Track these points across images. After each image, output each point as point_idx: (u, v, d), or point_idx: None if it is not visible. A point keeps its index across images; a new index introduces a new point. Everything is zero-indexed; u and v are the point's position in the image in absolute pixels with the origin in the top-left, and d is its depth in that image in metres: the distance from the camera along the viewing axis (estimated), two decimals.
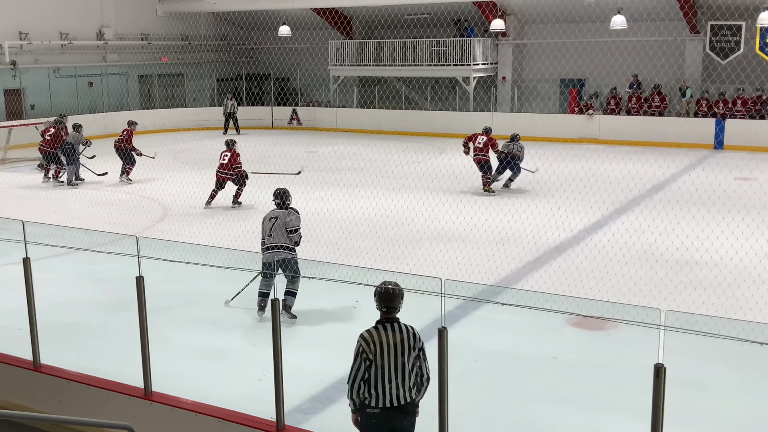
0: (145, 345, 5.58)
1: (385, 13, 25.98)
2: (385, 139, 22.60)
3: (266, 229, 8.31)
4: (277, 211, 8.42)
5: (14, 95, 24.24)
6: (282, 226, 8.24)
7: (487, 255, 10.50)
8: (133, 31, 27.63)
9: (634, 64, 23.24)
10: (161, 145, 23.08)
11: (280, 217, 8.31)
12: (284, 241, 8.19)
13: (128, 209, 14.32)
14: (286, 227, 8.23)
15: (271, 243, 8.19)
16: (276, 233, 8.22)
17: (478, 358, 7.24)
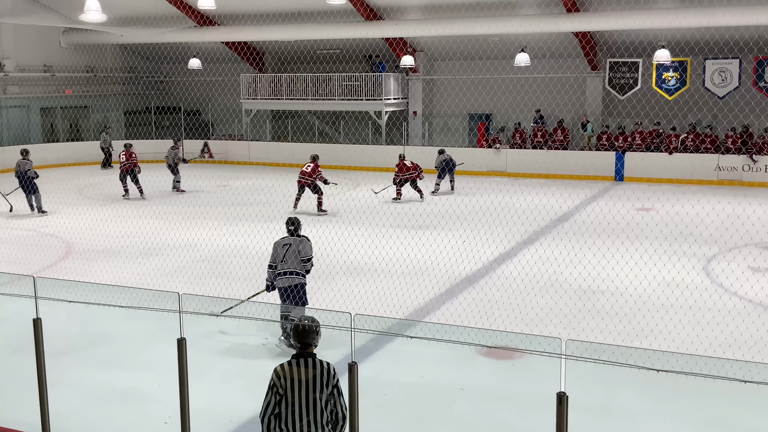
0: (42, 389, 5.35)
1: (298, 48, 26.13)
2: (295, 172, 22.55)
3: (280, 255, 8.55)
4: (290, 238, 8.69)
5: None
6: (295, 252, 8.53)
7: (399, 287, 10.57)
8: (35, 63, 26.80)
9: (538, 99, 24.10)
10: (67, 179, 22.37)
11: (294, 245, 8.59)
12: (297, 266, 8.50)
13: (29, 247, 13.78)
14: (299, 255, 8.50)
15: (285, 269, 8.48)
16: (289, 259, 8.50)
17: (390, 391, 7.25)
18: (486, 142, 24.71)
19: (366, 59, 27.08)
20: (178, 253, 13.09)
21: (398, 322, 7.87)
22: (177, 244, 13.59)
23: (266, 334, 7.77)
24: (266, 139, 28.26)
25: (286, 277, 8.49)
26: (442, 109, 26.69)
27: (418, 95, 26.74)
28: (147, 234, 14.07)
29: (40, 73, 26.96)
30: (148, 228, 14.73)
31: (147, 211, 16.51)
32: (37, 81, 26.92)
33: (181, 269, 12.09)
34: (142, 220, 15.88)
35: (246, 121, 27.83)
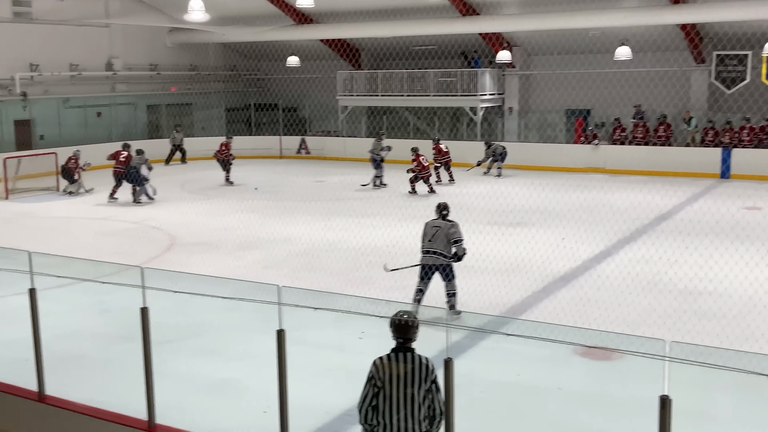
0: (149, 377, 5.56)
1: (393, 45, 26.23)
2: (393, 168, 22.62)
3: (428, 234, 9.23)
4: (441, 221, 9.33)
5: (24, 126, 24.46)
6: (444, 235, 9.16)
7: (493, 285, 10.46)
8: (142, 62, 27.94)
9: (639, 94, 23.35)
10: (174, 174, 23.24)
11: (444, 228, 9.24)
12: (443, 249, 9.12)
13: (135, 239, 14.37)
14: (448, 237, 9.13)
15: (431, 248, 9.15)
16: (436, 240, 9.15)
17: (486, 389, 7.18)
18: (584, 138, 24.14)
19: (461, 55, 26.91)
20: (274, 247, 13.37)
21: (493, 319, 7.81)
22: (274, 237, 13.88)
23: (363, 327, 7.82)
24: (362, 135, 28.50)
25: (432, 256, 9.16)
26: (538, 105, 26.25)
27: (514, 91, 26.38)
28: (245, 228, 14.44)
29: (146, 71, 28.08)
30: (246, 222, 15.09)
31: (245, 205, 16.92)
32: (143, 79, 28.04)
33: (278, 262, 12.35)
34: (240, 215, 16.30)
35: (342, 117, 28.15)
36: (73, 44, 25.45)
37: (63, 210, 17.70)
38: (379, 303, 5.01)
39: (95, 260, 7.33)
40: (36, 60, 24.32)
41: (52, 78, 24.82)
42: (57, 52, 24.82)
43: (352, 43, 28.17)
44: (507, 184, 18.38)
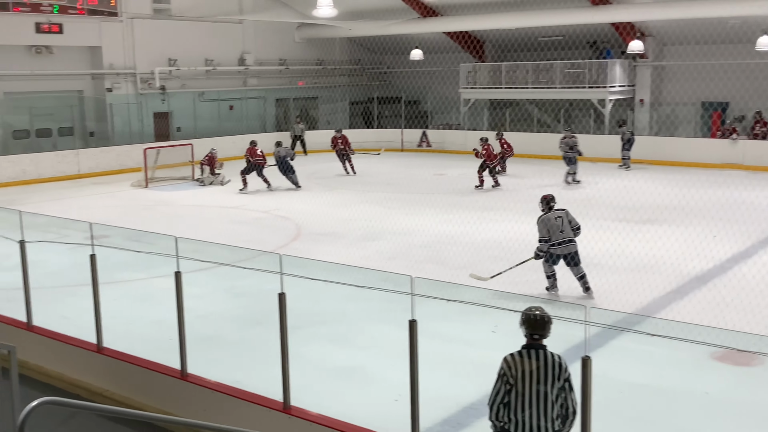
0: (285, 360, 5.74)
1: (518, 36, 25.85)
2: (516, 162, 22.34)
3: (556, 226, 9.69)
4: (559, 210, 9.86)
5: (163, 118, 25.81)
6: (567, 222, 9.74)
7: (625, 283, 10.15)
8: (272, 57, 28.84)
9: None
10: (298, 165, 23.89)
11: (564, 216, 9.80)
12: (572, 235, 9.73)
13: (264, 227, 14.87)
14: (572, 225, 9.75)
15: (563, 238, 9.66)
16: (566, 228, 9.69)
17: (620, 389, 6.98)
18: (721, 133, 22.95)
19: (590, 45, 26.17)
20: (397, 239, 13.48)
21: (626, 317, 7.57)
22: (396, 229, 14.00)
23: (495, 320, 7.77)
24: (483, 128, 28.27)
25: (565, 245, 9.64)
26: (671, 97, 25.14)
27: (645, 82, 25.41)
28: (368, 219, 14.64)
29: (275, 66, 28.96)
30: (368, 213, 15.30)
31: (368, 197, 17.20)
32: (273, 74, 28.95)
33: (400, 254, 12.45)
34: (363, 206, 16.56)
35: (464, 110, 28.02)
36: (208, 40, 26.60)
37: (198, 199, 18.55)
38: (509, 297, 4.96)
39: (232, 246, 7.64)
40: (174, 55, 25.57)
41: (189, 72, 26.04)
42: (194, 47, 26.02)
43: (476, 35, 27.96)
44: (637, 179, 17.73)
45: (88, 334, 7.37)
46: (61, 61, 23.26)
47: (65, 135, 23.81)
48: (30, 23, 22.13)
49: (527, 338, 4.59)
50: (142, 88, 25.00)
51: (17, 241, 7.75)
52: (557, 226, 9.65)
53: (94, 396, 6.99)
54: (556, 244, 9.64)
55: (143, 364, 6.79)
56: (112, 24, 24.01)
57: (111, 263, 10.11)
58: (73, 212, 15.23)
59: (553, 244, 9.65)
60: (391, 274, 8.38)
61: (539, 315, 4.53)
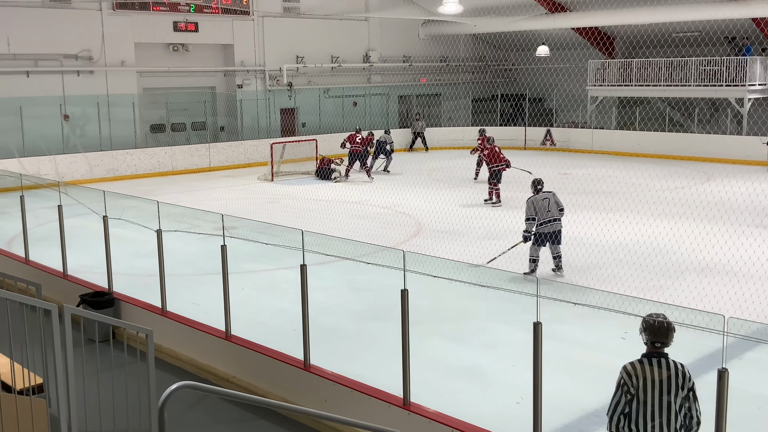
0: (405, 356, 5.75)
1: (651, 32, 24.88)
2: (644, 162, 21.54)
3: (543, 207, 10.60)
4: (545, 192, 10.82)
5: (289, 114, 26.54)
6: (554, 203, 10.69)
7: (759, 293, 9.56)
8: (395, 54, 29.06)
9: None
10: (419, 162, 23.98)
11: (551, 197, 10.75)
12: (557, 214, 10.67)
13: (385, 223, 15.00)
14: (558, 205, 10.70)
15: (549, 217, 10.61)
16: (552, 209, 10.63)
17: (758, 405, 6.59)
18: None
19: (728, 41, 24.83)
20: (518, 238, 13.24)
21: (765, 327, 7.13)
22: (517, 229, 13.74)
23: (617, 326, 7.51)
24: (611, 127, 27.43)
25: (551, 224, 10.62)
26: None
27: None
28: (490, 218, 14.48)
29: (399, 63, 29.17)
30: (490, 212, 15.15)
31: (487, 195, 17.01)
32: (396, 71, 29.18)
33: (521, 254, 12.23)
34: (484, 205, 16.41)
35: (591, 108, 27.26)
36: (334, 37, 27.13)
37: (321, 193, 18.95)
38: (636, 302, 4.76)
39: (355, 240, 7.74)
40: (301, 52, 26.24)
41: (315, 69, 26.65)
42: (320, 44, 26.61)
43: (606, 30, 27.12)
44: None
45: (217, 321, 7.66)
46: (195, 58, 24.36)
47: (198, 129, 24.93)
48: (168, 22, 23.30)
49: (648, 346, 4.41)
50: (271, 85, 25.80)
51: (154, 230, 8.15)
52: (544, 206, 10.60)
53: (221, 381, 7.27)
54: (544, 223, 10.59)
55: (268, 353, 6.99)
56: (243, 22, 24.91)
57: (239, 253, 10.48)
58: (204, 204, 15.90)
59: (541, 223, 10.59)
60: (515, 275, 8.28)
61: (661, 321, 4.34)
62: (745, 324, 4.41)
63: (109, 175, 21.49)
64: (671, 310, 4.40)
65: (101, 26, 22.22)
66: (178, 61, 23.98)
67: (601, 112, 27.66)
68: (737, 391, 6.49)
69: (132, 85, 23.02)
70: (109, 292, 9.02)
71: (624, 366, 4.42)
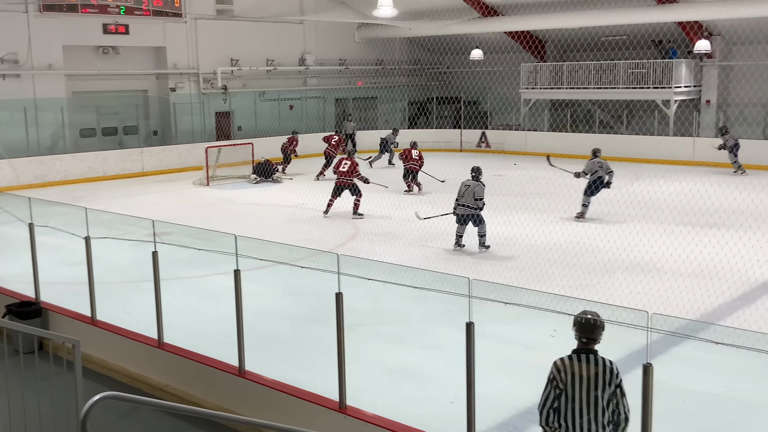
0: (341, 359, 5.75)
1: (581, 35, 25.44)
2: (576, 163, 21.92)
3: (461, 191, 12.27)
4: (471, 181, 12.35)
5: (224, 117, 26.23)
6: (471, 193, 12.10)
7: (686, 289, 9.88)
8: (332, 57, 29.02)
9: None
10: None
11: (472, 186, 12.18)
12: (470, 202, 12.17)
13: (322, 226, 14.95)
14: (474, 195, 12.07)
15: (462, 202, 12.27)
16: (467, 196, 12.15)
17: (682, 398, 6.79)
18: None
19: (654, 45, 25.60)
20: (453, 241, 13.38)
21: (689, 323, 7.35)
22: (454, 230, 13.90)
23: (551, 325, 7.65)
24: (544, 129, 27.94)
25: (463, 208, 12.25)
26: (739, 98, 24.41)
27: (712, 83, 24.73)
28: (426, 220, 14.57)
29: (335, 66, 29.14)
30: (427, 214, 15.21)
31: (426, 198, 17.14)
32: (332, 74, 29.15)
33: (458, 255, 12.37)
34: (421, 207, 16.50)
35: (524, 110, 27.73)
36: (269, 40, 26.93)
37: (257, 197, 18.78)
38: (567, 300, 4.86)
39: (290, 245, 7.70)
40: (236, 55, 25.98)
41: (250, 72, 26.41)
42: (255, 47, 26.39)
43: (538, 34, 27.64)
44: (701, 182, 17.26)
45: (149, 330, 7.52)
46: (126, 61, 23.87)
47: (130, 134, 24.41)
48: (97, 24, 22.77)
49: (578, 342, 4.52)
50: (205, 88, 25.46)
51: (83, 237, 7.95)
52: (461, 191, 12.29)
53: (154, 390, 7.13)
54: (460, 204, 12.25)
55: (202, 361, 6.90)
56: (176, 24, 24.52)
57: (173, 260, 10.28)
58: (136, 210, 15.57)
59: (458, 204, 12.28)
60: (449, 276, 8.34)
61: (589, 318, 4.45)
62: (669, 320, 4.55)
63: (37, 181, 20.85)
64: (598, 307, 4.51)
65: (27, 28, 21.56)
66: (108, 64, 23.45)
67: (534, 115, 28.17)
68: (664, 386, 6.70)
69: (60, 88, 22.40)
70: (37, 301, 8.76)
71: (554, 362, 4.53)
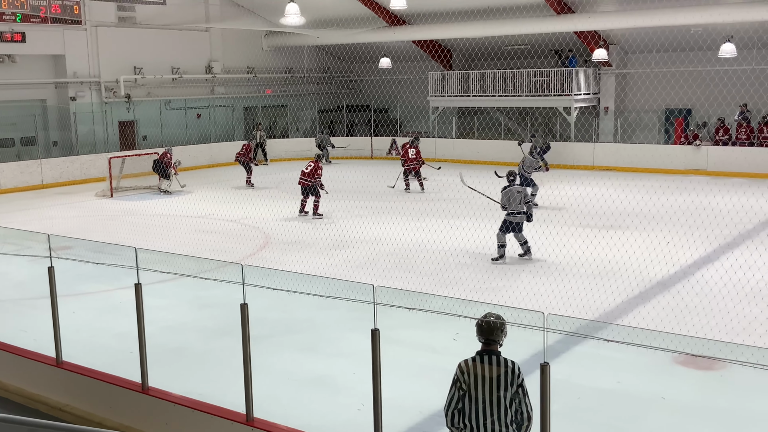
0: (247, 371, 5.69)
1: (485, 45, 26.02)
2: (484, 169, 22.37)
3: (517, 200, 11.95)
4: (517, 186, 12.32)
5: (128, 127, 25.54)
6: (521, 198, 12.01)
7: (587, 289, 10.23)
8: (239, 65, 28.70)
9: (743, 93, 22.36)
10: (265, 174, 23.79)
11: (521, 191, 12.12)
12: (520, 208, 11.98)
13: (232, 237, 14.76)
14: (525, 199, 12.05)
15: (513, 209, 11.98)
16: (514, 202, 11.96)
17: (582, 395, 7.03)
18: (684, 139, 23.31)
19: (555, 54, 26.45)
20: (365, 247, 13.47)
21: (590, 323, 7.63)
22: (364, 237, 13.99)
23: (456, 328, 7.78)
24: (452, 136, 28.42)
25: (518, 215, 11.96)
26: (635, 104, 25.50)
27: (610, 90, 25.74)
28: (337, 228, 14.62)
29: (243, 74, 28.83)
30: (337, 222, 15.28)
31: (336, 206, 17.16)
32: (240, 82, 28.81)
33: (369, 262, 12.44)
34: (331, 215, 16.53)
35: (432, 118, 28.13)
36: (174, 48, 26.39)
37: (163, 208, 18.37)
38: (471, 304, 4.96)
39: (196, 257, 7.56)
40: (139, 63, 25.34)
41: (155, 80, 25.82)
42: (159, 55, 25.80)
43: (444, 43, 28.12)
44: (601, 185, 17.91)
45: (47, 348, 7.24)
46: (23, 70, 22.93)
47: (28, 145, 23.44)
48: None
49: (481, 344, 4.61)
50: (107, 97, 24.72)
51: None
52: (516, 199, 11.90)
53: (53, 411, 6.87)
54: (511, 213, 11.93)
55: (103, 378, 6.69)
56: (75, 32, 23.73)
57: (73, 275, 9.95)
58: (35, 223, 14.99)
59: (509, 212, 11.93)
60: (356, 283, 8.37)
61: (490, 321, 4.55)
62: (564, 320, 4.70)
63: None
64: (498, 309, 4.62)
65: None
66: (4, 73, 22.47)
67: (443, 122, 28.62)
68: (566, 384, 6.92)
69: None
70: None
71: (459, 363, 4.60)
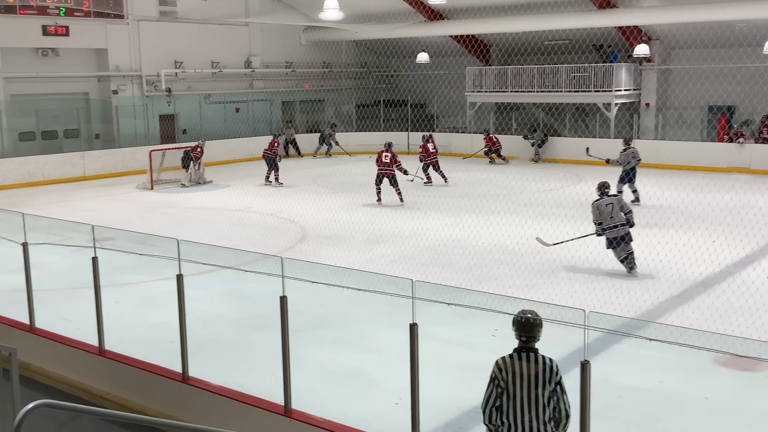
0: (286, 363, 5.72)
1: (524, 40, 25.82)
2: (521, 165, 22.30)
3: (607, 212, 10.89)
4: (611, 197, 11.07)
5: (168, 120, 25.85)
6: (618, 208, 10.93)
7: (627, 288, 10.11)
8: (278, 60, 28.86)
9: None
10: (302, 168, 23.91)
11: (616, 202, 11.00)
12: (622, 219, 10.90)
13: (270, 230, 14.86)
14: (623, 209, 10.94)
15: (613, 223, 10.88)
16: (616, 215, 10.88)
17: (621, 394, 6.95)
18: (727, 136, 22.87)
19: (596, 49, 26.13)
20: (402, 242, 13.46)
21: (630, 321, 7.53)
22: (401, 233, 13.99)
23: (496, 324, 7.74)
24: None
25: (616, 229, 10.84)
26: (677, 101, 25.08)
27: (651, 86, 25.34)
28: (374, 222, 14.62)
29: (282, 69, 29.00)
30: (374, 217, 15.28)
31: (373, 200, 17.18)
32: (279, 77, 28.98)
33: (405, 257, 12.43)
34: (369, 209, 16.55)
35: (470, 113, 28.00)
36: (214, 42, 26.64)
37: (203, 201, 18.56)
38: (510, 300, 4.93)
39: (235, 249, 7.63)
40: (180, 57, 25.63)
41: (195, 75, 26.09)
42: (200, 49, 26.06)
43: (482, 38, 27.95)
44: (642, 183, 17.66)
45: (90, 337, 7.37)
46: (67, 63, 23.33)
47: (71, 137, 23.86)
48: (37, 26, 22.20)
49: (519, 341, 4.59)
50: (148, 91, 25.05)
51: (20, 243, 7.76)
52: (608, 211, 10.87)
53: (95, 399, 6.99)
54: (608, 228, 10.86)
55: (144, 367, 6.79)
56: (118, 26, 24.07)
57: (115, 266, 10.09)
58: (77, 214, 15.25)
59: (605, 228, 10.87)
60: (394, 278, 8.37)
61: (528, 317, 4.52)
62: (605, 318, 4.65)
63: None
64: (537, 306, 4.58)
65: None
66: (48, 66, 22.89)
67: (480, 117, 28.47)
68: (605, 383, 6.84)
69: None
70: None
71: (496, 361, 4.58)
